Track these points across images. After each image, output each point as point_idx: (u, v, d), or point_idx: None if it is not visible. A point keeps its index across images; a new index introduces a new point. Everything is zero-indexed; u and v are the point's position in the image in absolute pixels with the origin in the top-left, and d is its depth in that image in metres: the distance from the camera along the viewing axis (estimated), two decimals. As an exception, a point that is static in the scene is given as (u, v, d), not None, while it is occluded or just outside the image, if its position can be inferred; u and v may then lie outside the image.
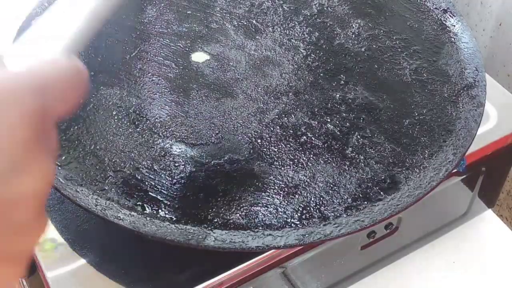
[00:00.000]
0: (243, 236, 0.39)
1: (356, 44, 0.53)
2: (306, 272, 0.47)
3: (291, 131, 0.45)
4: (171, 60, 0.51)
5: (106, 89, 0.49)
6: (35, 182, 0.20)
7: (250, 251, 0.40)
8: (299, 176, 0.42)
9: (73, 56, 0.26)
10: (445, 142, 0.44)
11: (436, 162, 0.43)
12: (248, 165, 0.43)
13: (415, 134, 0.45)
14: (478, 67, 0.50)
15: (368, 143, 0.45)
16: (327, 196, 0.41)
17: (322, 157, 0.44)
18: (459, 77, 0.49)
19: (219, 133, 0.45)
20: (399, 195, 0.41)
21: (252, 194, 0.41)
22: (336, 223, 0.39)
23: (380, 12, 0.56)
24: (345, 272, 0.51)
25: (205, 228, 0.39)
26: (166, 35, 0.54)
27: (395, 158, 0.44)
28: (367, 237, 0.48)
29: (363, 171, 0.43)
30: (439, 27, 0.54)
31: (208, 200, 0.41)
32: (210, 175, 0.42)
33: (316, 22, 0.54)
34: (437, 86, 0.49)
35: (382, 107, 0.47)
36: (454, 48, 0.52)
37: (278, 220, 0.40)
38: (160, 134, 0.45)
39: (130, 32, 0.54)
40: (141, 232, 0.38)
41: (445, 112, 0.47)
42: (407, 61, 0.51)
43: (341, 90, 0.49)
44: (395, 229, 0.49)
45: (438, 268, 0.54)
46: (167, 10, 0.56)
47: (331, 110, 0.47)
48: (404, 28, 0.54)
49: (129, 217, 0.39)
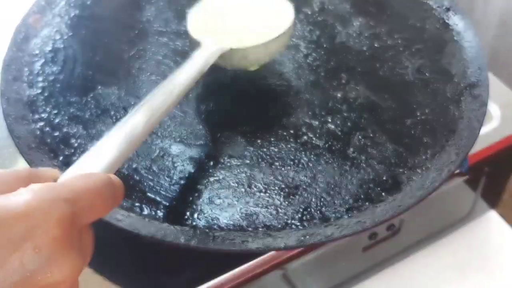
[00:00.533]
0: (243, 237, 0.38)
1: (357, 42, 0.52)
2: (307, 274, 0.47)
3: (292, 131, 0.45)
4: (170, 59, 0.51)
5: (104, 88, 0.49)
6: (63, 275, 0.24)
7: (250, 252, 0.40)
8: (299, 177, 0.42)
9: (109, 172, 0.30)
10: (447, 142, 0.44)
11: (439, 163, 0.42)
12: (248, 165, 0.43)
13: (417, 134, 0.45)
14: (481, 66, 0.49)
15: (369, 143, 0.44)
16: (328, 197, 0.41)
17: (323, 158, 0.43)
18: (462, 76, 0.49)
19: (219, 133, 0.45)
20: (401, 196, 0.41)
21: (252, 195, 0.41)
22: (337, 224, 0.39)
23: (382, 11, 0.55)
24: (347, 274, 0.50)
25: (205, 229, 0.39)
26: (165, 33, 0.53)
27: (397, 159, 0.43)
28: (368, 239, 0.47)
29: (364, 171, 0.42)
30: (441, 25, 0.54)
31: (208, 201, 0.40)
32: (209, 175, 0.42)
33: (317, 21, 0.54)
34: (440, 86, 0.48)
35: (384, 106, 0.47)
36: (457, 47, 0.51)
37: (278, 221, 0.39)
38: (158, 134, 0.45)
39: (128, 31, 0.54)
40: (140, 233, 0.38)
41: (448, 112, 0.46)
42: (409, 60, 0.50)
43: (342, 89, 0.48)
44: (397, 231, 0.49)
45: (441, 270, 0.54)
46: (166, 9, 0.56)
47: (332, 110, 0.47)
48: (406, 26, 0.54)
49: (127, 218, 0.39)
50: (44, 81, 0.49)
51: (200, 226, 0.39)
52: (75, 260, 0.24)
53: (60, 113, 0.47)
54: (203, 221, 0.39)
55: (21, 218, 0.23)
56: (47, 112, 0.47)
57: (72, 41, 0.53)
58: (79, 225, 0.25)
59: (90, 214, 0.26)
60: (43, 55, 0.51)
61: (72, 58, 0.51)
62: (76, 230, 0.25)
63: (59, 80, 0.49)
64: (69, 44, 0.52)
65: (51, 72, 0.50)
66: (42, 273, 0.23)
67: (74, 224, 0.25)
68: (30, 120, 0.46)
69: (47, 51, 0.51)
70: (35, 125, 0.45)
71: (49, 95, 0.48)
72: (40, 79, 0.49)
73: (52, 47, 0.52)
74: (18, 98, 0.47)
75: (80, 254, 0.25)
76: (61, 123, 0.46)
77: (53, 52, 0.51)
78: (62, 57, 0.51)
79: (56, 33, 0.53)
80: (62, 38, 0.53)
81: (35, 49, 0.52)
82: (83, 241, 0.26)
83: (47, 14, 0.55)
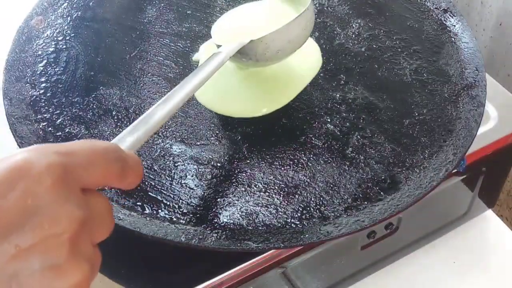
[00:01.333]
0: (243, 235, 0.39)
1: (356, 44, 0.53)
2: (306, 272, 0.47)
3: (291, 131, 0.45)
4: (171, 60, 0.51)
5: (106, 89, 0.49)
6: (61, 226, 0.23)
7: (250, 251, 0.40)
8: (299, 176, 0.42)
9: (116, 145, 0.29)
10: (445, 142, 0.44)
11: (436, 162, 0.43)
12: (248, 165, 0.43)
13: (415, 134, 0.45)
14: (478, 67, 0.50)
15: (368, 143, 0.44)
16: (327, 196, 0.41)
17: (322, 157, 0.44)
18: (459, 77, 0.49)
19: (219, 133, 0.45)
20: (399, 195, 0.41)
21: (252, 194, 0.41)
22: (336, 223, 0.39)
23: (380, 12, 0.56)
24: (345, 272, 0.51)
25: (205, 228, 0.39)
26: (166, 35, 0.54)
27: (395, 158, 0.44)
28: (367, 237, 0.48)
29: (363, 171, 0.43)
30: (439, 27, 0.54)
31: (208, 200, 0.41)
32: (210, 175, 0.42)
33: (316, 22, 0.54)
34: (437, 86, 0.49)
35: (382, 107, 0.47)
36: (454, 48, 0.52)
37: (278, 220, 0.40)
38: (160, 134, 0.45)
39: (130, 32, 0.54)
40: (141, 232, 0.38)
41: (445, 112, 0.47)
42: (407, 61, 0.51)
43: (341, 90, 0.49)
44: (395, 229, 0.49)
45: (438, 268, 0.54)
46: (167, 10, 0.56)
47: (331, 110, 0.47)
48: (404, 28, 0.54)
49: (129, 217, 0.39)
50: (46, 82, 0.49)
51: (200, 225, 0.39)
52: (73, 212, 0.24)
53: (63, 113, 0.47)
54: (204, 220, 0.40)
55: (12, 171, 0.23)
56: (49, 112, 0.47)
57: (74, 42, 0.53)
58: (77, 180, 0.25)
59: (89, 171, 0.25)
60: (46, 56, 0.51)
61: (74, 59, 0.51)
62: (72, 183, 0.24)
63: (62, 81, 0.50)
64: (71, 45, 0.53)
65: (53, 73, 0.50)
66: (35, 223, 0.23)
67: (67, 175, 0.24)
68: (33, 120, 0.46)
69: (50, 52, 0.52)
70: (37, 125, 0.46)
71: (52, 95, 0.48)
72: (42, 80, 0.49)
73: (54, 48, 0.52)
74: (21, 99, 0.48)
75: (80, 209, 0.24)
76: (63, 123, 0.46)
77: (56, 53, 0.52)
78: (65, 58, 0.51)
79: (58, 34, 0.54)
80: (64, 39, 0.53)
81: (38, 50, 0.52)
82: (93, 205, 0.25)
83: (49, 15, 0.55)
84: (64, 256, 0.23)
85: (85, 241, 0.25)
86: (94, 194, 0.26)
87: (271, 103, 0.47)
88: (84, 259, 0.24)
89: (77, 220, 0.24)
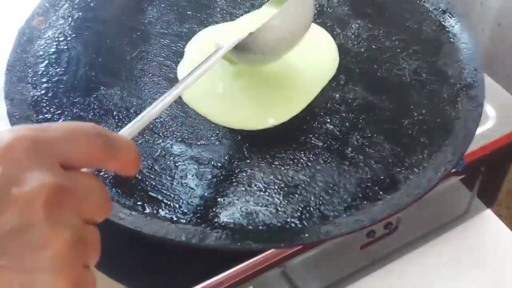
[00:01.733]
0: (243, 235, 0.39)
1: (355, 44, 0.53)
2: (306, 272, 0.47)
3: (291, 131, 0.46)
4: (172, 61, 0.52)
5: (107, 89, 0.49)
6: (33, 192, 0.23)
7: (250, 250, 0.40)
8: (299, 176, 0.42)
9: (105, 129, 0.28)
10: (444, 142, 0.45)
11: (435, 162, 0.43)
12: (248, 165, 0.43)
13: (415, 134, 0.45)
14: (477, 67, 0.50)
15: (367, 143, 0.45)
16: (327, 196, 0.41)
17: (322, 157, 0.44)
18: (458, 78, 0.49)
19: (219, 133, 0.46)
20: (398, 194, 0.41)
21: (252, 194, 0.41)
22: (336, 223, 0.39)
23: (380, 13, 0.56)
24: (345, 271, 0.51)
25: (205, 228, 0.39)
26: (167, 35, 0.54)
27: (395, 158, 0.44)
28: (366, 237, 0.48)
29: (362, 171, 0.43)
30: (438, 27, 0.54)
31: (208, 199, 0.41)
32: (210, 175, 0.43)
33: (316, 23, 0.54)
34: (436, 86, 0.49)
35: (381, 107, 0.47)
36: (453, 48, 0.52)
37: (278, 220, 0.40)
38: (160, 134, 0.45)
39: (131, 32, 0.54)
40: (142, 231, 0.38)
41: (444, 112, 0.47)
42: (406, 61, 0.51)
43: (341, 90, 0.49)
44: (394, 229, 0.49)
45: (437, 268, 0.54)
46: (168, 11, 0.57)
47: (330, 110, 0.47)
48: (403, 28, 0.54)
49: (129, 217, 0.40)
50: (48, 82, 0.50)
51: (201, 224, 0.39)
52: (45, 176, 0.23)
53: (64, 113, 0.47)
54: (204, 219, 0.40)
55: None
56: (51, 113, 0.47)
57: (75, 42, 0.53)
58: (53, 154, 0.25)
59: (67, 146, 0.25)
60: (47, 57, 0.52)
61: (75, 59, 0.52)
62: (47, 156, 0.24)
63: (63, 81, 0.50)
64: (73, 46, 0.53)
65: (55, 73, 0.50)
66: (2, 190, 0.22)
67: (39, 147, 0.24)
68: (34, 120, 0.46)
69: (51, 53, 0.52)
70: (39, 125, 0.46)
71: (53, 95, 0.49)
72: (44, 80, 0.50)
73: (55, 48, 0.53)
74: (22, 99, 0.48)
75: (56, 177, 0.24)
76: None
77: (57, 54, 0.52)
78: (66, 58, 0.52)
79: (59, 35, 0.54)
80: (65, 39, 0.53)
81: (39, 50, 0.52)
82: (78, 180, 0.25)
83: (51, 16, 0.55)
84: (39, 219, 0.23)
85: (67, 212, 0.24)
86: (79, 172, 0.26)
87: (279, 114, 0.47)
88: (64, 226, 0.23)
89: (52, 186, 0.23)
